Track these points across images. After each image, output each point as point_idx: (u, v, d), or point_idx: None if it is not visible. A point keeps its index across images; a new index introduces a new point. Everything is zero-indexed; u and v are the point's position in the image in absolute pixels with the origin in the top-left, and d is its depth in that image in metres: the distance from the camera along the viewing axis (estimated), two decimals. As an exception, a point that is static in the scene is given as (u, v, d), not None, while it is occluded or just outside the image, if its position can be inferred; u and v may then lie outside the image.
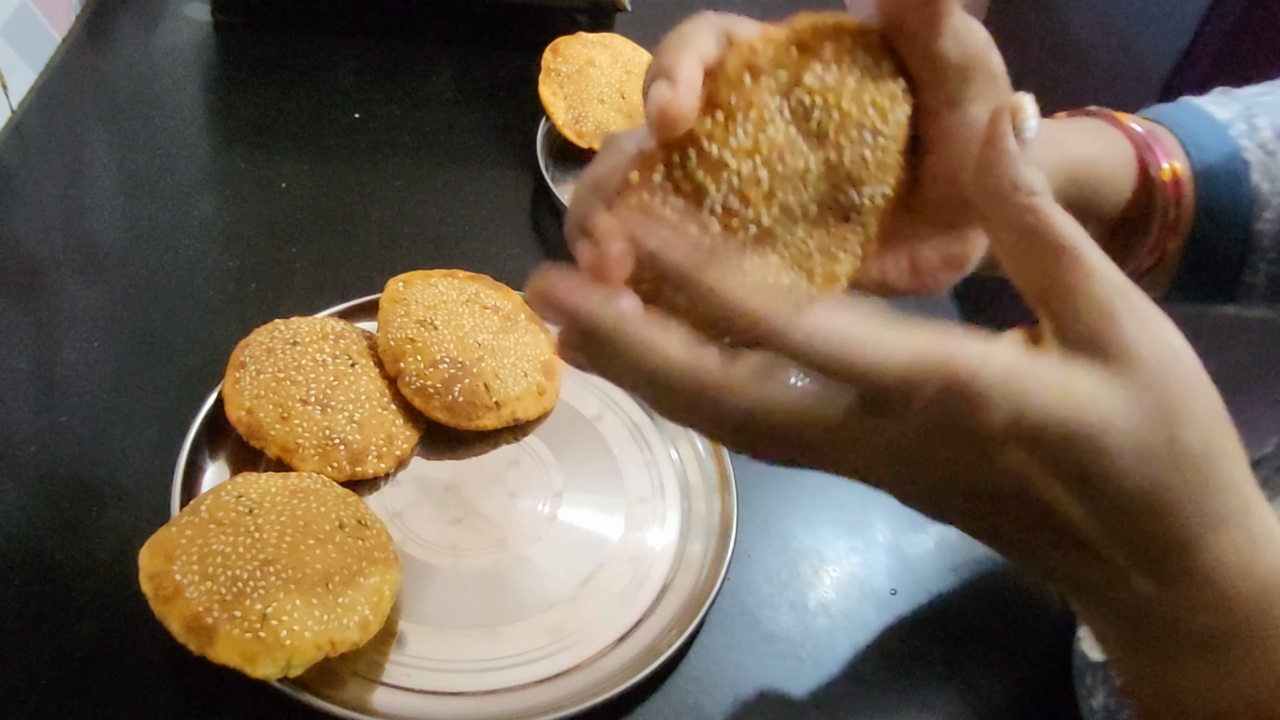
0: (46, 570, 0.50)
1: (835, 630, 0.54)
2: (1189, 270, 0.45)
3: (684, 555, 0.55)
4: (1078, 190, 0.39)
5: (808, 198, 0.29)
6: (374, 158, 0.80)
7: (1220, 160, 0.43)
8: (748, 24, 0.30)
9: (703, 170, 0.27)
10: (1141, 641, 0.29)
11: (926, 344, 0.25)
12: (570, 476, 0.58)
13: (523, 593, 0.53)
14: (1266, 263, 0.45)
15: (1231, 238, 0.44)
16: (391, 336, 0.58)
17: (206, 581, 0.44)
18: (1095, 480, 0.25)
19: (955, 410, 0.25)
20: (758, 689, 0.51)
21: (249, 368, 0.55)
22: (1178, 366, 0.26)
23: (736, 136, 0.28)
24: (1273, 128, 0.45)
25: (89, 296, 0.65)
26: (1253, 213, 0.44)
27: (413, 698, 0.48)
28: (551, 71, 0.81)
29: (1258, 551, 0.27)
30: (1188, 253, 0.44)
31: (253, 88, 0.85)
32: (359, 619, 0.46)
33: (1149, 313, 0.27)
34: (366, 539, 0.49)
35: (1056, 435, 0.25)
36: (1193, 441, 0.26)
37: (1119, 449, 0.25)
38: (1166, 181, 0.42)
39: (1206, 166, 0.43)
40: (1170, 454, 0.25)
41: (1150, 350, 0.26)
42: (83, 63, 0.85)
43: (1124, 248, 0.43)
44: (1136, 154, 0.42)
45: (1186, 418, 0.26)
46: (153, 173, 0.75)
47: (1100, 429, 0.25)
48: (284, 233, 0.72)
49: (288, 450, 0.53)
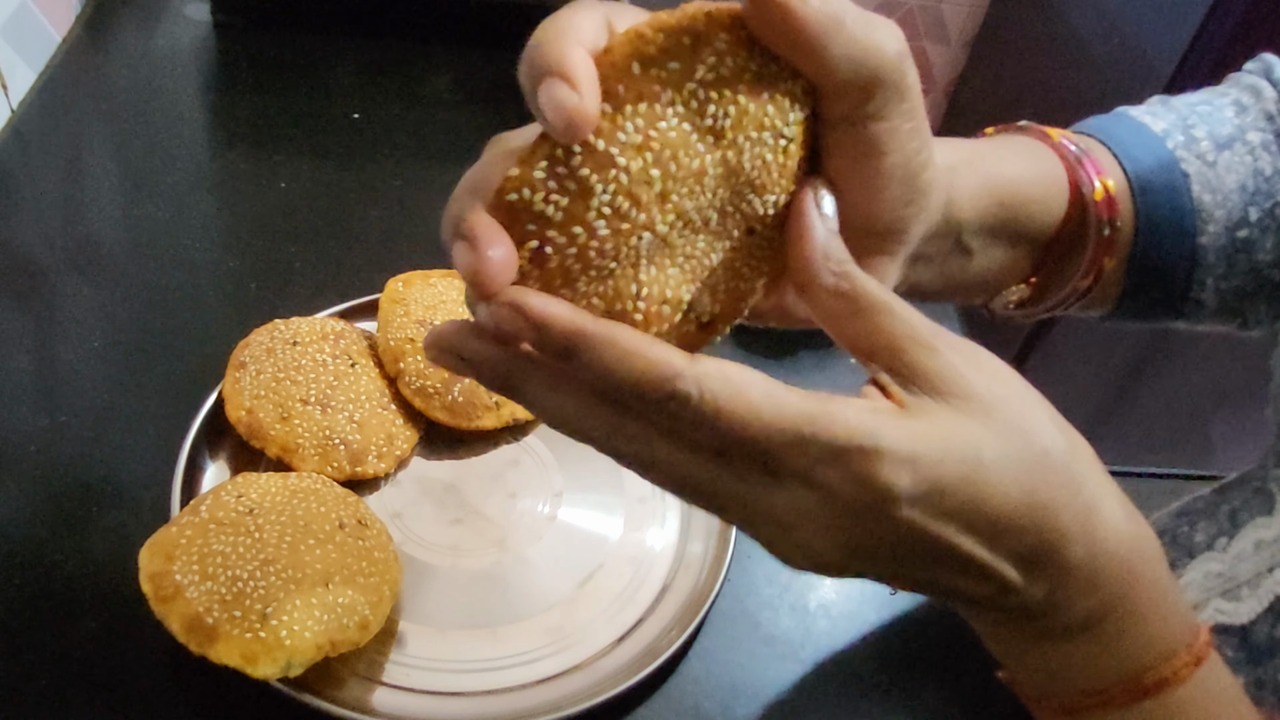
0: (46, 570, 0.50)
1: (836, 632, 0.54)
2: (1134, 288, 0.43)
3: (684, 556, 0.55)
4: (1004, 211, 0.38)
5: (706, 203, 0.27)
6: (374, 158, 0.80)
7: (1157, 173, 0.41)
8: (631, 11, 0.27)
9: (588, 167, 0.25)
10: (1030, 637, 0.30)
11: (818, 406, 0.25)
12: (570, 476, 0.58)
13: (523, 593, 0.53)
14: (1214, 278, 0.43)
15: (1175, 254, 0.42)
16: (391, 336, 0.58)
17: (206, 581, 0.44)
18: (986, 510, 0.26)
19: (857, 470, 0.25)
20: (758, 690, 0.51)
21: (249, 368, 0.55)
22: (1011, 386, 0.28)
23: (625, 131, 0.25)
24: (1211, 138, 0.43)
25: (89, 296, 0.65)
26: (1195, 227, 0.42)
27: (413, 698, 0.48)
28: (552, 71, 0.81)
29: (1119, 533, 0.28)
30: (1130, 270, 0.42)
31: (253, 88, 0.85)
32: (359, 619, 0.46)
33: (967, 346, 0.28)
34: (366, 539, 0.49)
35: (949, 481, 0.26)
36: (1050, 447, 0.27)
37: (998, 476, 0.26)
38: (1099, 200, 0.40)
39: (1143, 181, 0.41)
40: (1038, 463, 0.27)
41: (983, 379, 0.27)
42: (83, 63, 0.85)
43: (1058, 267, 0.42)
44: (1068, 172, 0.40)
45: (1038, 428, 0.27)
46: (153, 173, 0.75)
47: (978, 462, 0.26)
48: (284, 233, 0.72)
49: (288, 450, 0.53)
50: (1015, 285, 0.41)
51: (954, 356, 0.27)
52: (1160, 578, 0.29)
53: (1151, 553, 0.29)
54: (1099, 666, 0.30)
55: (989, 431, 0.26)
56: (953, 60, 1.75)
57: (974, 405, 0.27)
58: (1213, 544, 0.50)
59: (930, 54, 1.74)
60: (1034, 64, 1.55)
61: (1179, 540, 0.53)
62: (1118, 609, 0.29)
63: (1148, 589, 0.29)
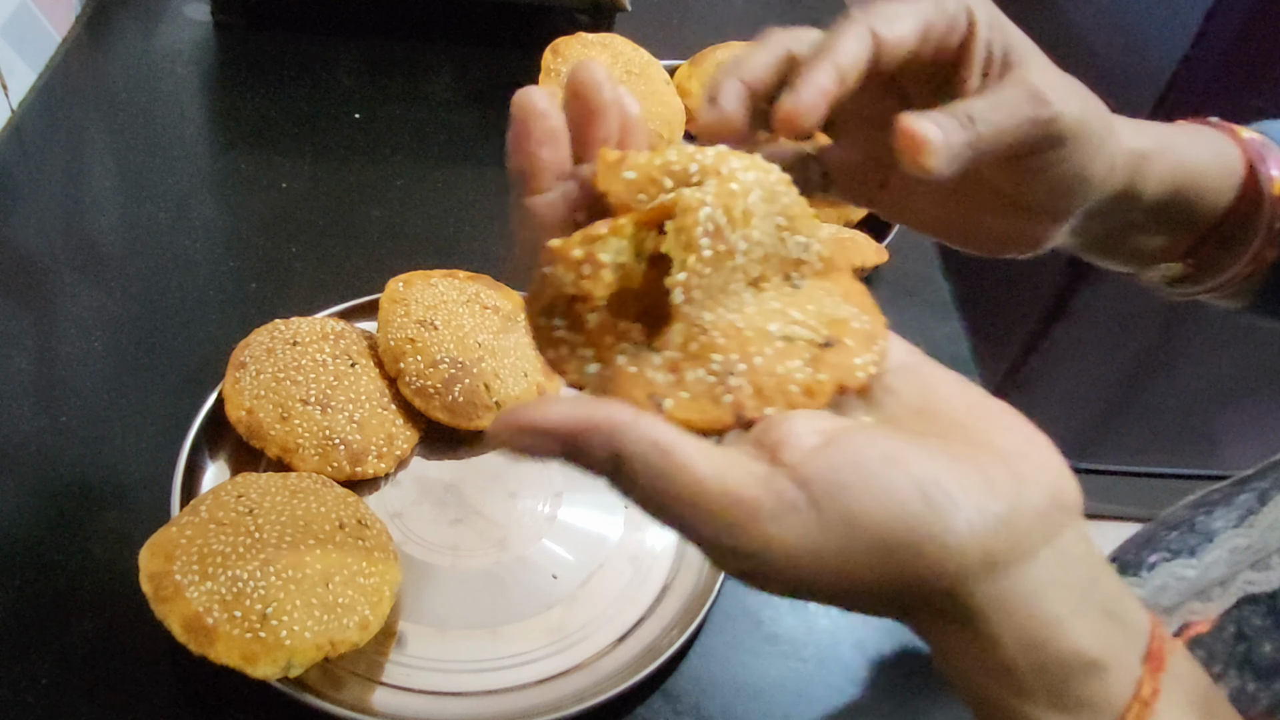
0: (46, 570, 0.50)
1: (838, 631, 0.54)
2: (1277, 285, 0.45)
3: (684, 555, 0.55)
4: (1179, 197, 0.41)
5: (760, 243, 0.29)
6: (374, 158, 0.80)
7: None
8: (808, 34, 0.33)
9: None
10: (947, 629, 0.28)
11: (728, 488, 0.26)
12: (570, 476, 0.58)
13: (523, 593, 0.53)
14: None
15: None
16: (391, 336, 0.58)
17: (206, 581, 0.44)
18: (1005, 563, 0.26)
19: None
20: (759, 690, 0.51)
21: (249, 368, 0.55)
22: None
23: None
24: None
25: (89, 296, 0.65)
26: None
27: (413, 698, 0.48)
28: (551, 71, 0.81)
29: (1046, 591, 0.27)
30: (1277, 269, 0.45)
31: (253, 88, 0.85)
32: (359, 619, 0.46)
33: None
34: (366, 539, 0.49)
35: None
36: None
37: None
38: (1276, 195, 0.42)
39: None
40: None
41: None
42: (83, 63, 0.85)
43: (1214, 254, 0.44)
44: (1246, 163, 0.42)
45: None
46: (153, 173, 0.75)
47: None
48: (284, 233, 0.72)
49: (288, 450, 0.53)
50: (1168, 263, 0.44)
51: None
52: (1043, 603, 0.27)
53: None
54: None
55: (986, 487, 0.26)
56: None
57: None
58: (1240, 523, 0.51)
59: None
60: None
61: (1196, 528, 0.54)
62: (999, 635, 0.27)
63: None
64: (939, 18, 0.34)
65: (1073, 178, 0.36)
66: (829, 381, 0.28)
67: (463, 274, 0.64)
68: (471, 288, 0.63)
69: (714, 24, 1.04)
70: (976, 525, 0.25)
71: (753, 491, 0.25)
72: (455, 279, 0.63)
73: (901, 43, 0.33)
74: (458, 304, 0.61)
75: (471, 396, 0.57)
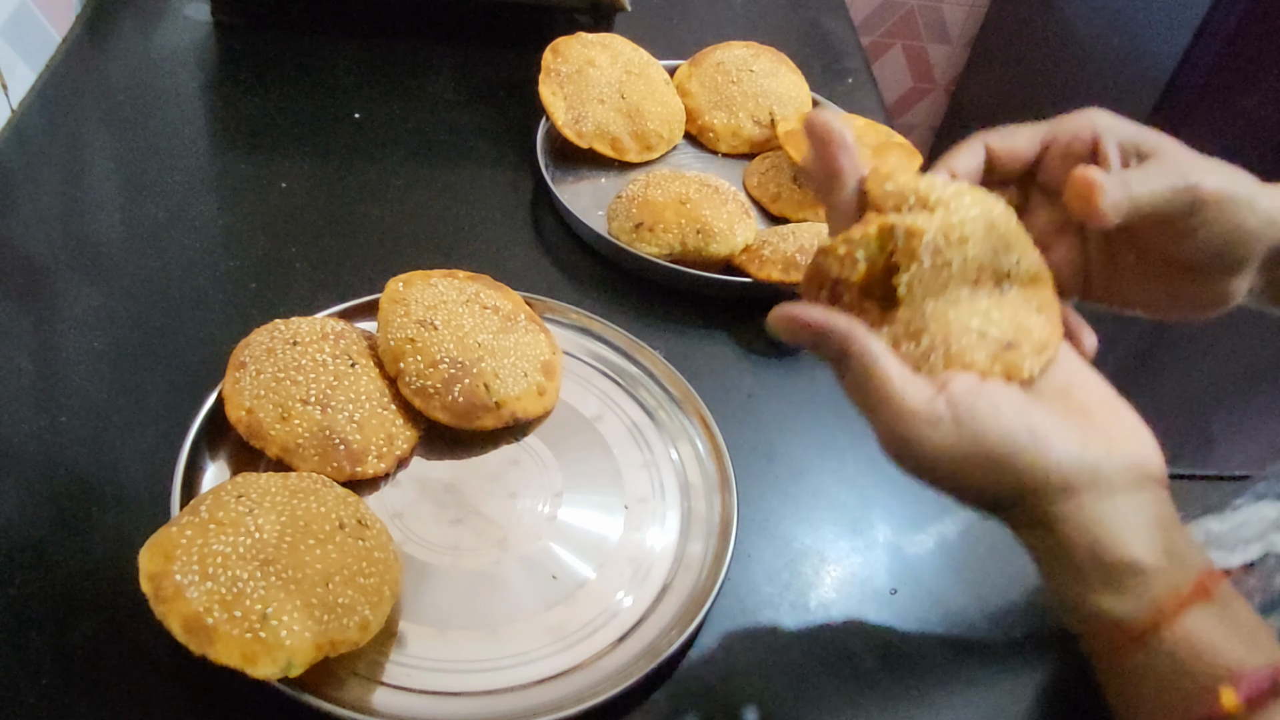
0: (46, 570, 0.50)
1: (838, 631, 0.54)
2: None
3: (684, 556, 0.55)
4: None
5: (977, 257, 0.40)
6: (374, 158, 0.80)
7: None
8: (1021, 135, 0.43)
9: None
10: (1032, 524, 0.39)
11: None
12: (570, 476, 0.58)
13: (523, 593, 0.53)
14: None
15: None
16: (391, 336, 0.58)
17: (206, 581, 0.44)
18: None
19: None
20: (759, 690, 0.51)
21: (249, 368, 0.55)
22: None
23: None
24: None
25: (89, 296, 0.65)
26: None
27: (413, 698, 0.48)
28: (551, 71, 0.81)
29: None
30: None
31: (253, 88, 0.85)
32: (359, 619, 0.46)
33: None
34: (366, 539, 0.49)
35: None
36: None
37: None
38: None
39: None
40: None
41: None
42: (83, 63, 0.85)
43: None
44: None
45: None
46: (153, 173, 0.75)
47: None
48: (284, 233, 0.72)
49: (288, 450, 0.53)
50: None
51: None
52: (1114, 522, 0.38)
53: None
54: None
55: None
56: (953, 59, 1.75)
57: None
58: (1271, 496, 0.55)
59: (931, 53, 1.74)
60: (1034, 64, 1.55)
61: (1228, 506, 0.58)
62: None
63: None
64: (1059, 130, 0.42)
65: (1230, 233, 0.41)
66: (1000, 372, 0.39)
67: (463, 274, 0.64)
68: (471, 288, 0.63)
69: (714, 24, 1.04)
70: (1063, 461, 0.37)
71: (920, 404, 0.37)
72: (455, 279, 0.63)
73: (1014, 152, 0.43)
74: (458, 304, 0.61)
75: (471, 396, 0.57)
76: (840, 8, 1.11)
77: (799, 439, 0.64)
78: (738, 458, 0.59)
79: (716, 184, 0.75)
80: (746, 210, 0.75)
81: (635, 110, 0.82)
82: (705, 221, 0.72)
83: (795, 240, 0.70)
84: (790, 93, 0.87)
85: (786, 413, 0.65)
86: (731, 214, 0.73)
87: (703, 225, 0.72)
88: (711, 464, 0.59)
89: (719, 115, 0.86)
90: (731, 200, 0.74)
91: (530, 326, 0.62)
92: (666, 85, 0.86)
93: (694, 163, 0.85)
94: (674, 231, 0.72)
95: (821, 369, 0.73)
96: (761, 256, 0.70)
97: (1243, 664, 0.35)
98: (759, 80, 0.86)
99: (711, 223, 0.72)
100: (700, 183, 0.75)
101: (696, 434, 0.61)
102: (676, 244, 0.72)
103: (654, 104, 0.83)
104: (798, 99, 0.87)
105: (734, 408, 0.64)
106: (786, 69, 0.88)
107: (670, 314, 0.71)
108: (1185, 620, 0.36)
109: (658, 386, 0.63)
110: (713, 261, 0.73)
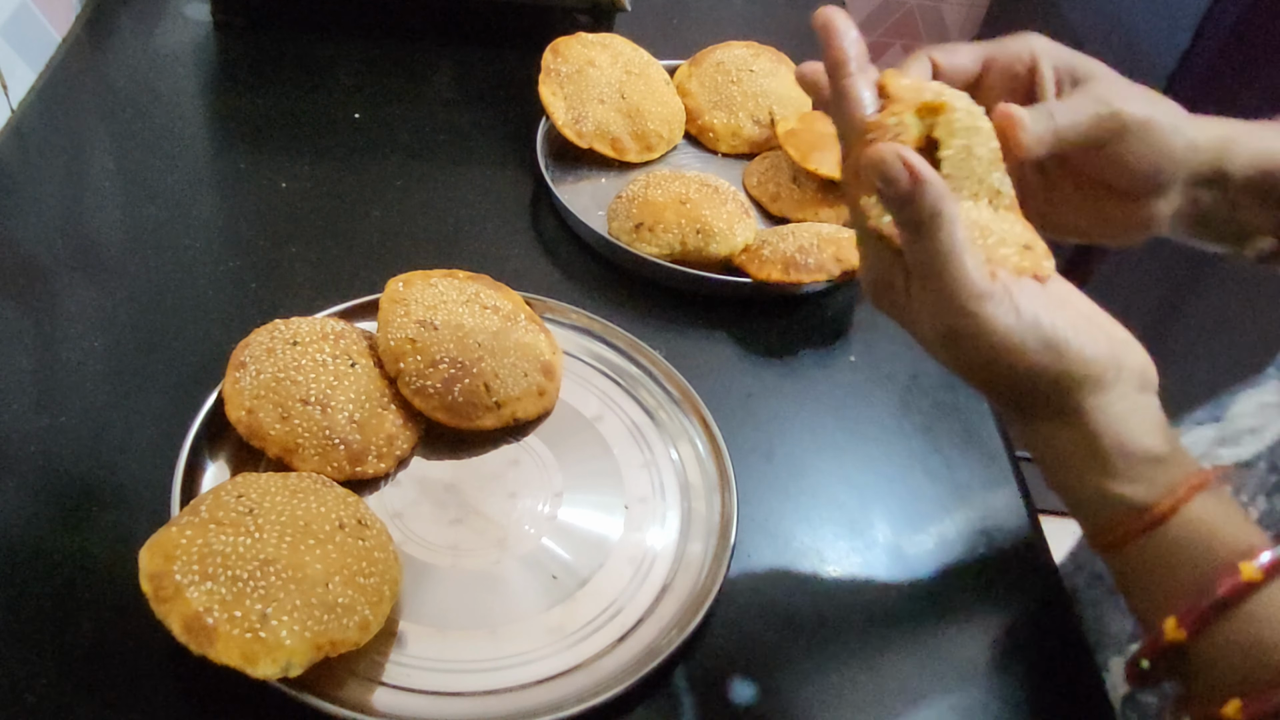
0: (46, 570, 0.50)
1: (838, 632, 0.54)
2: None
3: (684, 556, 0.55)
4: (1268, 178, 0.47)
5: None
6: (374, 158, 0.80)
7: None
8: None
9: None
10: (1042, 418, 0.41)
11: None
12: (570, 476, 0.58)
13: (523, 593, 0.53)
14: None
15: None
16: (391, 336, 0.58)
17: (206, 581, 0.44)
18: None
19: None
20: (759, 689, 0.51)
21: (249, 368, 0.55)
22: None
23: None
24: None
25: (89, 296, 0.65)
26: None
27: (413, 698, 0.48)
28: (551, 71, 0.81)
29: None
30: None
31: (253, 88, 0.85)
32: (359, 619, 0.46)
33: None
34: (366, 539, 0.49)
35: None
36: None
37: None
38: None
39: None
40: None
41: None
42: (83, 63, 0.85)
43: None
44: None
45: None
46: (153, 173, 0.75)
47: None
48: (284, 233, 0.72)
49: (288, 450, 0.53)
50: (1261, 238, 0.49)
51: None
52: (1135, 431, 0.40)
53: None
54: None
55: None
56: (953, 60, 1.75)
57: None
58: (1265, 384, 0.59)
59: (930, 53, 1.74)
60: (1034, 63, 1.54)
61: (1219, 404, 0.61)
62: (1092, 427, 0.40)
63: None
64: (999, 51, 0.45)
65: (1155, 156, 0.44)
66: (1030, 268, 0.40)
67: (463, 274, 0.64)
68: (471, 288, 0.63)
69: (713, 24, 1.04)
70: (1100, 356, 0.39)
71: (985, 283, 0.38)
72: (455, 279, 0.63)
73: (958, 69, 0.44)
74: (458, 304, 0.61)
75: (471, 396, 0.57)
76: (840, 8, 1.11)
77: (799, 439, 0.64)
78: (737, 458, 0.59)
79: (716, 184, 0.76)
80: (746, 210, 0.75)
81: (635, 110, 0.82)
82: (705, 221, 0.72)
83: (795, 240, 0.71)
84: (790, 93, 0.87)
85: (786, 413, 0.65)
86: (731, 214, 0.73)
87: (703, 225, 0.72)
88: (711, 464, 0.59)
89: (719, 115, 0.86)
90: (731, 200, 0.74)
91: (530, 326, 0.63)
92: (666, 85, 0.86)
93: (694, 163, 0.86)
94: (674, 231, 0.72)
95: (821, 369, 0.73)
96: (761, 256, 0.70)
97: (1251, 540, 0.38)
98: (759, 80, 0.86)
99: (711, 222, 0.72)
100: (700, 183, 0.75)
101: (696, 434, 0.61)
102: (676, 244, 0.72)
103: (654, 104, 0.83)
104: (798, 99, 0.87)
105: (734, 408, 0.64)
106: (786, 69, 0.88)
107: (670, 314, 0.71)
108: (1195, 504, 0.39)
109: (658, 386, 0.63)
110: (713, 261, 0.73)
